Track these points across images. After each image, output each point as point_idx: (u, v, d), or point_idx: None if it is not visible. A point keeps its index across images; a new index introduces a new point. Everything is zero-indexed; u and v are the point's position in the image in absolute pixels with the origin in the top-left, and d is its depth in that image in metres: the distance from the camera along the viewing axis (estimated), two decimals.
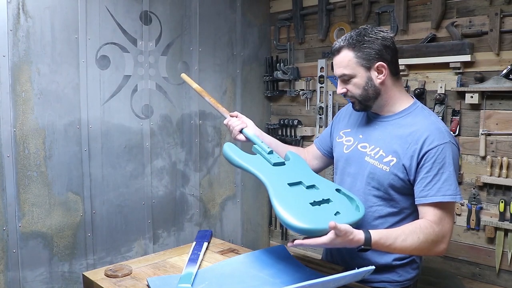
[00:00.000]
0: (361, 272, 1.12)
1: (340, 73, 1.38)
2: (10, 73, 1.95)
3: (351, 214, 1.26)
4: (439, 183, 1.29)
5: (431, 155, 1.30)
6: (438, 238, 1.28)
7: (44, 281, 2.10)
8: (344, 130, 1.56)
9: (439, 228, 1.28)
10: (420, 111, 1.40)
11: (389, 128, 1.41)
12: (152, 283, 1.27)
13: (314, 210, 1.21)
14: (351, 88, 1.39)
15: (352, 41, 1.35)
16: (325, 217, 1.18)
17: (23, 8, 1.97)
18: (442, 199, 1.28)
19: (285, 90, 3.05)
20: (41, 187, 2.07)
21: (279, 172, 1.34)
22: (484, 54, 2.19)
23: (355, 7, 2.65)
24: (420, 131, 1.33)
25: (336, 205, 1.26)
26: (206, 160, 2.77)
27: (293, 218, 1.13)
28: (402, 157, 1.34)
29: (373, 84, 1.37)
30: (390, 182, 1.36)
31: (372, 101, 1.40)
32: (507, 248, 2.16)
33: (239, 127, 1.54)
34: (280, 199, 1.19)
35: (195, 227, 2.73)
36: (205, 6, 2.67)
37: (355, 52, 1.35)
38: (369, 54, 1.34)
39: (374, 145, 1.42)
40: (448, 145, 1.31)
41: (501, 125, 2.16)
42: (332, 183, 1.40)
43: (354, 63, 1.35)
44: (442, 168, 1.29)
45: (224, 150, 1.40)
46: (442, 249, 1.31)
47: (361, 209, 1.30)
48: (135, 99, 2.40)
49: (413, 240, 1.24)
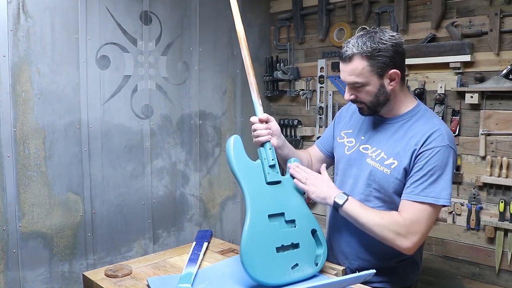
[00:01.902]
0: (362, 276, 1.13)
1: (352, 81, 1.33)
2: (10, 73, 1.95)
3: (308, 268, 1.31)
4: (425, 184, 1.29)
5: (425, 156, 1.30)
6: (402, 232, 1.28)
7: (44, 281, 2.10)
8: (346, 130, 1.55)
9: (408, 224, 1.28)
10: (423, 113, 1.39)
11: (392, 131, 1.41)
12: (152, 283, 1.27)
13: (275, 258, 1.26)
14: (362, 96, 1.35)
15: (366, 49, 1.28)
16: (281, 270, 1.25)
17: (23, 8, 1.96)
18: (422, 199, 1.28)
19: (285, 90, 3.05)
20: (41, 187, 2.07)
21: (268, 195, 1.32)
22: (484, 54, 2.19)
23: (355, 7, 2.65)
24: (421, 133, 1.33)
25: (299, 255, 1.30)
26: (206, 160, 2.77)
27: (249, 265, 1.21)
28: (403, 160, 1.34)
29: (385, 91, 1.34)
30: (390, 184, 1.36)
31: (381, 106, 1.38)
32: (507, 248, 2.16)
33: (264, 138, 1.39)
34: (250, 237, 1.23)
35: (195, 227, 2.73)
36: (205, 6, 2.67)
37: (369, 60, 1.29)
38: (384, 62, 1.30)
39: (376, 147, 1.42)
40: (446, 149, 1.30)
41: (501, 125, 2.16)
42: (312, 220, 1.36)
43: (368, 71, 1.30)
44: (432, 170, 1.29)
45: (227, 146, 1.33)
46: (405, 245, 1.29)
47: (320, 263, 1.32)
48: (135, 99, 2.40)
49: (376, 218, 1.30)
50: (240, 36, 1.43)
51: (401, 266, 1.46)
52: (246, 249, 1.22)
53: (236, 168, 1.32)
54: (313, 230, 1.34)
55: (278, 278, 1.24)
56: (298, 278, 1.27)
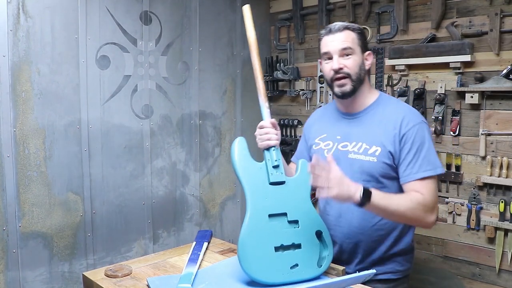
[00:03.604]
0: (362, 276, 1.13)
1: (346, 46, 1.44)
2: (10, 73, 1.95)
3: (309, 269, 1.29)
4: (419, 161, 1.39)
5: (409, 136, 1.40)
6: (427, 204, 1.37)
7: (44, 281, 2.10)
8: (320, 136, 1.60)
9: (428, 199, 1.37)
10: (388, 100, 1.52)
11: (365, 122, 1.49)
12: (152, 283, 1.27)
13: (273, 257, 1.25)
14: (349, 64, 1.44)
15: (351, 26, 1.47)
16: (279, 269, 1.25)
17: (23, 8, 1.97)
18: (424, 175, 1.38)
19: (285, 90, 3.04)
20: (41, 187, 2.07)
21: (270, 195, 1.31)
22: (484, 54, 2.19)
23: (355, 7, 2.65)
24: (395, 116, 1.44)
25: (300, 255, 1.29)
26: (206, 160, 2.77)
27: (245, 262, 1.22)
28: (386, 144, 1.42)
29: (364, 67, 1.48)
30: (379, 170, 1.42)
31: (359, 84, 1.47)
32: (507, 248, 2.16)
33: (273, 143, 1.41)
34: (248, 234, 1.24)
35: (195, 227, 2.73)
36: (205, 6, 2.67)
37: (356, 34, 1.46)
38: (363, 41, 1.49)
39: (355, 141, 1.48)
40: (422, 124, 1.43)
41: (501, 125, 2.16)
42: (318, 221, 1.34)
43: (356, 43, 1.46)
44: (420, 146, 1.40)
45: (232, 147, 1.35)
46: (432, 219, 1.39)
47: (324, 265, 1.31)
48: (135, 99, 2.40)
49: (406, 202, 1.34)
50: (251, 42, 1.51)
51: (402, 255, 1.52)
52: (243, 246, 1.23)
53: (238, 168, 1.33)
54: (318, 231, 1.33)
55: (274, 277, 1.24)
56: (297, 278, 1.26)
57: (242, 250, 1.23)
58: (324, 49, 1.47)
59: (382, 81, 2.57)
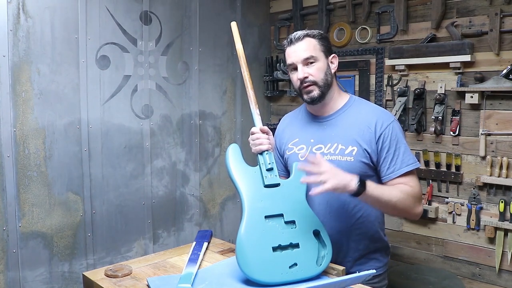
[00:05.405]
0: (362, 276, 1.13)
1: (308, 55, 1.45)
2: (10, 73, 1.95)
3: (309, 268, 1.29)
4: (400, 157, 1.44)
5: (386, 135, 1.44)
6: (416, 195, 1.43)
7: (44, 281, 2.10)
8: (292, 141, 1.60)
9: (416, 191, 1.44)
10: (359, 102, 1.55)
11: (339, 124, 1.50)
12: (152, 283, 1.27)
13: (271, 257, 1.26)
14: (314, 72, 1.46)
15: (311, 33, 1.48)
16: (278, 269, 1.25)
17: (23, 8, 1.97)
18: (408, 169, 1.44)
19: (285, 90, 3.05)
20: (41, 187, 2.07)
21: (265, 197, 1.33)
22: (484, 54, 2.19)
23: (355, 7, 2.65)
24: (368, 117, 1.48)
25: (299, 254, 1.29)
26: (206, 160, 2.77)
27: (244, 263, 1.23)
28: (361, 143, 1.45)
29: (330, 71, 1.50)
30: (357, 170, 1.43)
31: (327, 89, 1.49)
32: (507, 248, 2.16)
33: (265, 147, 1.42)
34: (245, 235, 1.25)
35: (195, 227, 2.73)
36: (205, 6, 2.67)
37: (317, 40, 1.48)
38: (326, 46, 1.50)
39: (330, 143, 1.49)
40: (395, 123, 1.48)
41: (501, 125, 2.16)
42: (316, 221, 1.36)
43: (318, 49, 1.48)
44: (397, 143, 1.45)
45: (226, 154, 1.40)
46: (420, 210, 1.46)
47: (323, 263, 1.32)
48: (135, 99, 2.40)
49: (397, 193, 1.38)
50: (239, 54, 1.55)
51: (378, 251, 1.56)
52: (241, 247, 1.24)
53: (233, 173, 1.36)
54: (316, 231, 1.34)
55: (273, 277, 1.25)
56: (296, 277, 1.27)
57: (240, 251, 1.24)
58: (288, 60, 1.50)
59: (382, 81, 2.57)
